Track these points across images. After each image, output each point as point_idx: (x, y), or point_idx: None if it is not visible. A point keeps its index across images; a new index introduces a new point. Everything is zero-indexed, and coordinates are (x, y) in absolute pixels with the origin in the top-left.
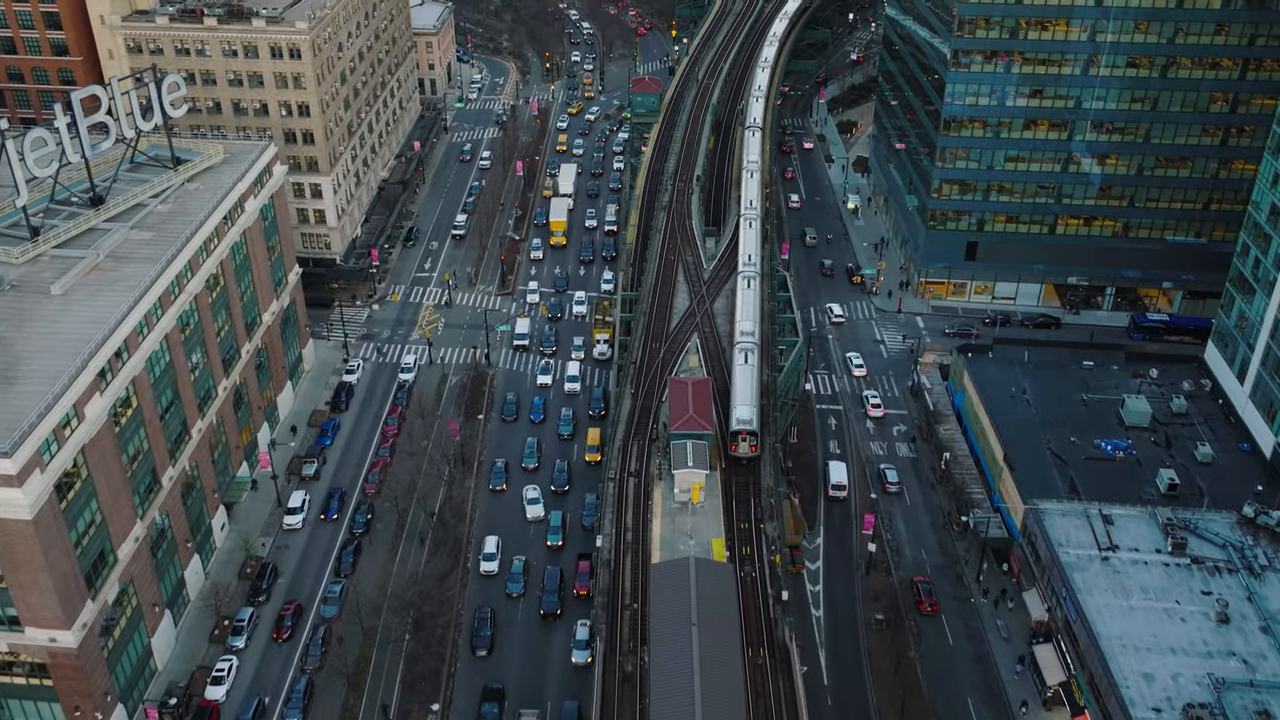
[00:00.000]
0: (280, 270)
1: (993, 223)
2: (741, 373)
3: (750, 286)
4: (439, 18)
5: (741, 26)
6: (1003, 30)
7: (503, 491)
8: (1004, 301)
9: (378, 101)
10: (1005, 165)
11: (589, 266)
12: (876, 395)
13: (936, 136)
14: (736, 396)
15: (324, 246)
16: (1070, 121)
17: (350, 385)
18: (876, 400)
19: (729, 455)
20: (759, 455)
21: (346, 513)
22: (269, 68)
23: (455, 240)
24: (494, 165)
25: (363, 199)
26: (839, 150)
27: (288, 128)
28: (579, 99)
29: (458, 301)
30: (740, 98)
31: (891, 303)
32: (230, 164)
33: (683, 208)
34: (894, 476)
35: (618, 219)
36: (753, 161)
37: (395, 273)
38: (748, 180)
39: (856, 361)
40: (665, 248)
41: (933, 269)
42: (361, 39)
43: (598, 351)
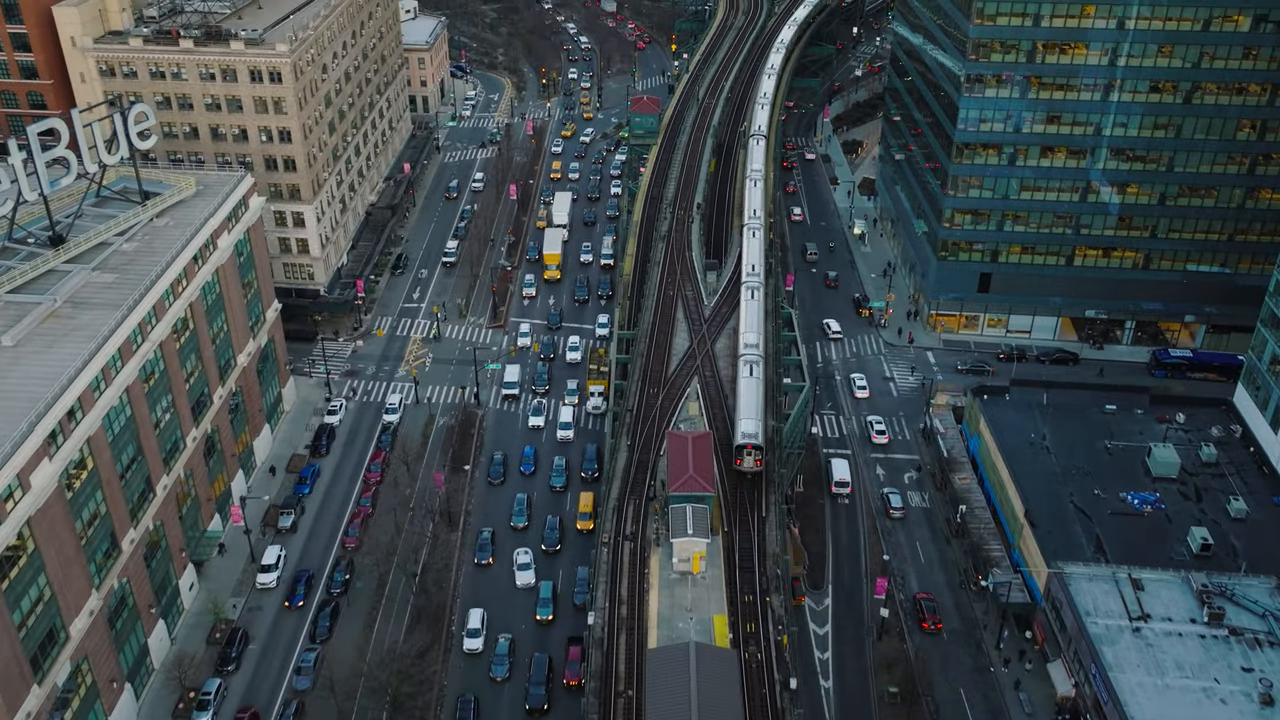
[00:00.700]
0: (257, 307)
1: (1007, 253)
2: (746, 386)
3: (754, 298)
4: (432, 33)
5: (743, 42)
6: (1018, 54)
7: (488, 565)
8: (1019, 335)
9: (365, 123)
10: (1021, 194)
11: (583, 306)
12: (881, 422)
13: (948, 163)
14: (741, 410)
15: (307, 277)
16: (1089, 148)
17: (332, 427)
18: (881, 427)
19: (733, 470)
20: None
21: (314, 596)
22: (248, 92)
23: (445, 268)
24: (487, 188)
25: (349, 225)
26: (844, 172)
27: (268, 154)
28: (576, 117)
29: (447, 335)
30: (742, 118)
31: (900, 336)
32: (203, 197)
33: (682, 238)
34: (898, 502)
35: (614, 251)
36: (756, 170)
37: (382, 303)
38: (751, 189)
39: (860, 383)
40: (664, 282)
41: (944, 301)
42: (348, 59)
43: (591, 405)
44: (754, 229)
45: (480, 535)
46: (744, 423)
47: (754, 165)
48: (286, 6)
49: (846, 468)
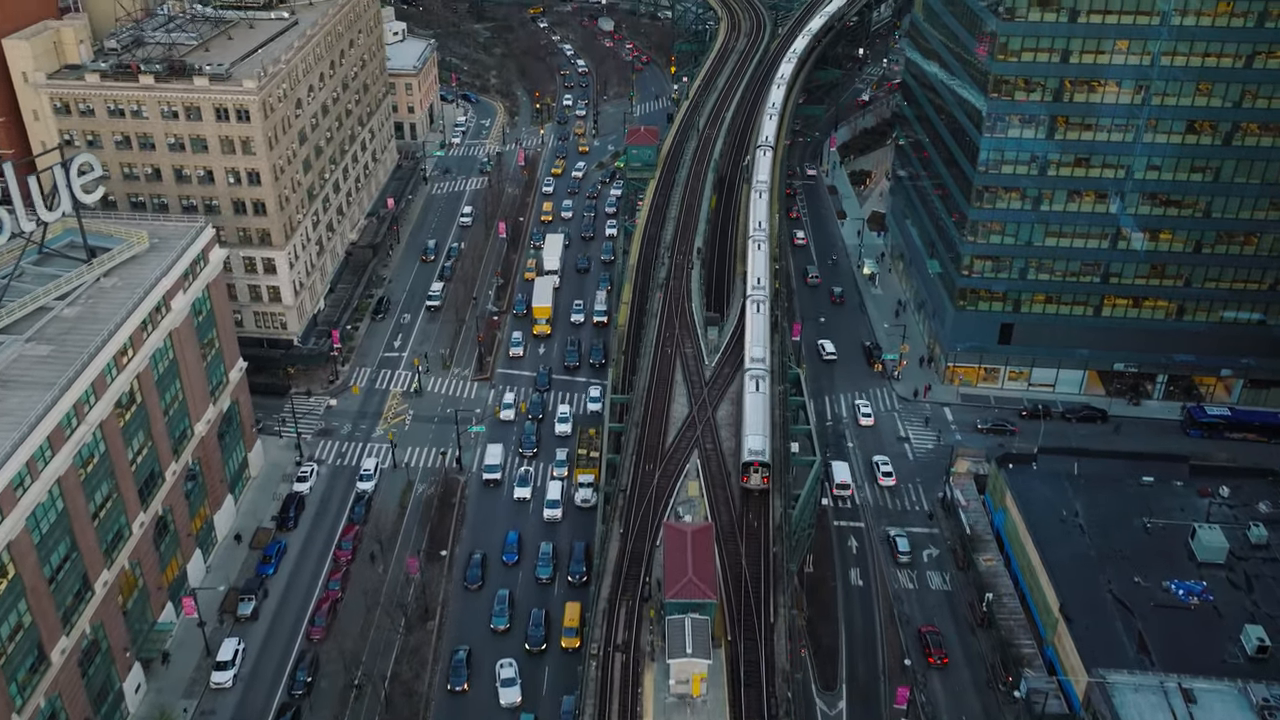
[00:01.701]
0: (219, 369)
1: (1030, 303)
2: (752, 401)
3: (760, 311)
4: (420, 57)
5: (745, 67)
6: (1044, 92)
7: (464, 692)
8: (1042, 389)
9: (346, 157)
10: (1046, 240)
11: (574, 372)
12: (888, 463)
13: (967, 206)
14: (748, 426)
15: (279, 326)
16: (1119, 192)
17: (301, 496)
18: (888, 469)
19: (740, 487)
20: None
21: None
22: (213, 131)
23: (429, 313)
24: (475, 223)
25: (326, 268)
26: (852, 205)
27: (236, 197)
28: (570, 148)
29: (429, 389)
30: (745, 150)
31: (916, 397)
32: (158, 252)
33: (681, 286)
34: (905, 546)
35: (608, 306)
36: (762, 181)
37: (361, 351)
38: (757, 200)
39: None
40: (661, 337)
41: (962, 352)
42: (326, 91)
43: (580, 498)
44: (759, 241)
45: (455, 655)
46: (751, 439)
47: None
48: (258, 37)
49: (847, 470)
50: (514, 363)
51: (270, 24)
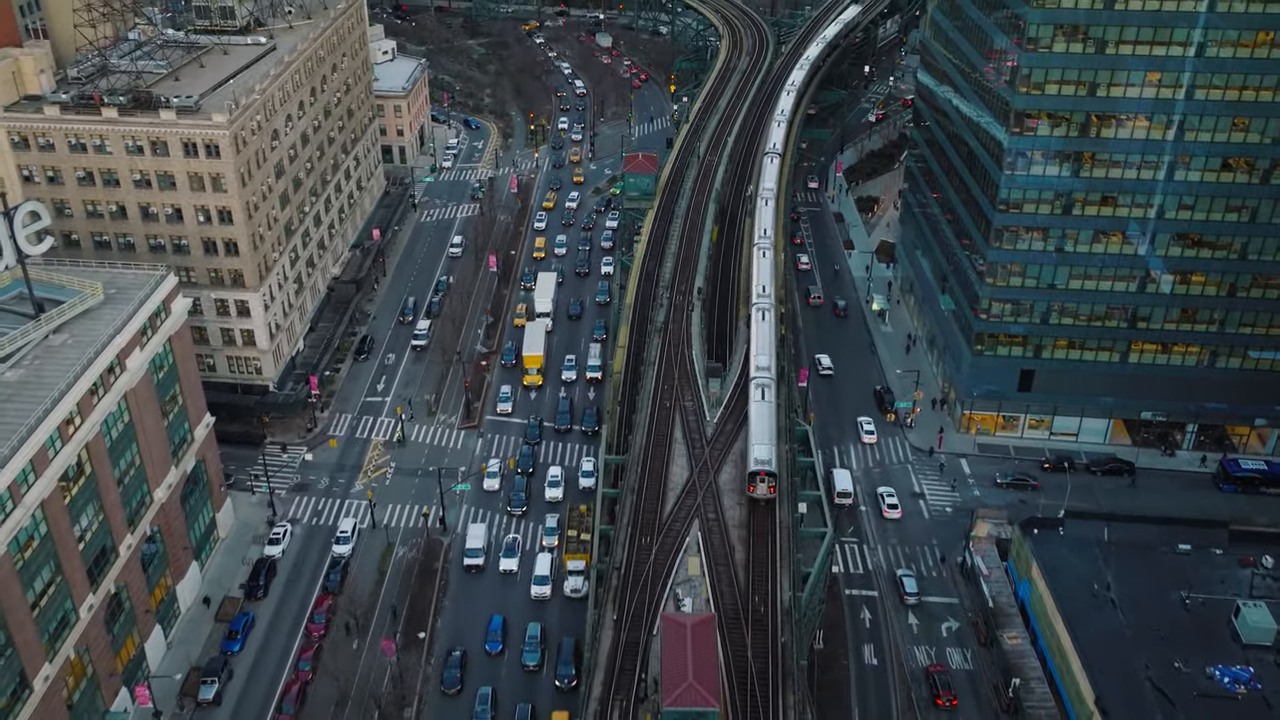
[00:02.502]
0: (182, 428)
1: (1052, 348)
2: (758, 409)
3: (765, 319)
4: (410, 77)
5: (748, 87)
6: (1069, 127)
7: None
8: (1064, 439)
9: (328, 188)
10: (1069, 283)
11: (564, 436)
12: (893, 494)
13: (985, 247)
14: (754, 435)
15: (254, 371)
16: (1149, 233)
17: (272, 561)
18: (893, 501)
19: (747, 496)
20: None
21: None
22: (181, 167)
23: (415, 352)
24: (465, 255)
25: (306, 306)
26: (859, 233)
27: (206, 236)
28: (564, 177)
29: (413, 438)
30: (748, 179)
31: (927, 434)
32: (114, 304)
33: (681, 331)
34: (912, 587)
35: (602, 360)
36: (768, 189)
37: (342, 396)
38: (763, 208)
39: (868, 428)
40: (659, 389)
41: (979, 399)
42: (306, 119)
43: (570, 587)
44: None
45: None
46: (757, 448)
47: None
48: (232, 65)
49: (849, 478)
50: (504, 418)
51: (246, 50)
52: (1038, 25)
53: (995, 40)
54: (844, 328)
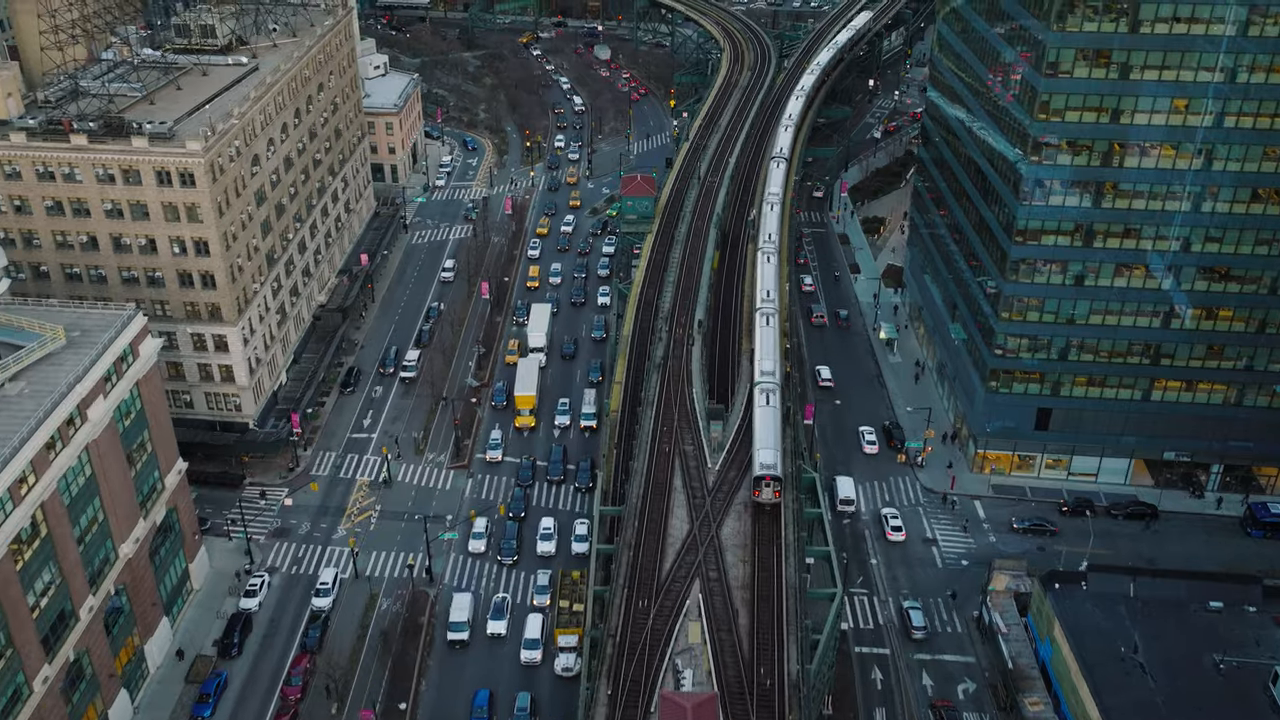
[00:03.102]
0: (152, 476)
1: (1071, 385)
2: (762, 415)
3: (770, 324)
4: (402, 94)
5: (750, 104)
6: (1091, 155)
7: None
8: (1083, 479)
9: (314, 212)
10: (1090, 319)
11: (558, 488)
12: (897, 516)
13: (1001, 280)
14: (758, 440)
15: (233, 408)
16: (1174, 267)
17: (248, 615)
18: (898, 523)
19: (753, 501)
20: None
21: None
22: (155, 197)
23: (404, 385)
24: (457, 279)
25: (290, 337)
26: (865, 257)
27: (182, 268)
28: (560, 201)
29: (400, 478)
30: (750, 202)
31: (939, 474)
32: (76, 348)
33: (680, 368)
34: (919, 620)
35: (598, 408)
36: (774, 193)
37: (327, 431)
38: (768, 212)
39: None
40: (658, 432)
41: (993, 437)
42: (290, 142)
43: (561, 665)
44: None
45: None
46: (762, 453)
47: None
48: (211, 87)
49: (851, 485)
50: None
51: (226, 71)
52: (1057, 49)
53: (1010, 62)
54: (848, 348)
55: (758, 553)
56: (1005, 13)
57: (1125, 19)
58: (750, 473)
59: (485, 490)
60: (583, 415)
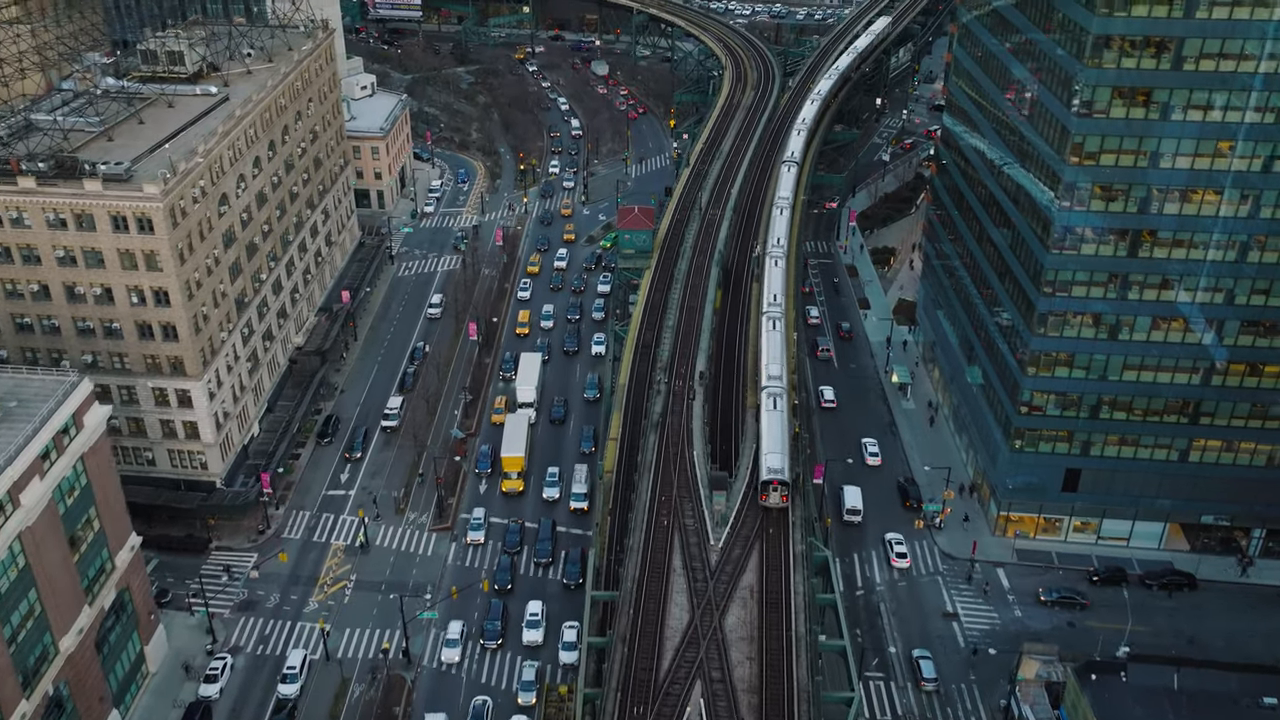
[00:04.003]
0: (100, 556)
1: (1103, 445)
2: (769, 419)
3: (776, 328)
4: (389, 116)
5: (753, 127)
6: (1128, 201)
7: None
8: (1114, 544)
9: (290, 249)
10: (1124, 375)
11: (545, 570)
12: (902, 542)
13: (1028, 334)
14: (766, 444)
15: (198, 466)
16: (1216, 320)
17: (208, 704)
18: (902, 550)
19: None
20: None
21: None
22: (110, 243)
23: (385, 434)
24: (444, 316)
25: (263, 384)
26: (875, 291)
27: (141, 319)
28: (558, 229)
29: (377, 541)
30: (755, 234)
31: (958, 535)
32: (11, 421)
33: (681, 426)
34: (930, 671)
35: (589, 487)
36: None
37: (301, 488)
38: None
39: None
40: (655, 502)
41: (1016, 499)
42: (263, 177)
43: None
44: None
45: None
46: (769, 457)
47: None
48: (177, 120)
49: (859, 495)
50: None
51: (194, 101)
52: (1092, 87)
53: (1039, 98)
54: (858, 391)
55: (766, 646)
56: (1033, 45)
57: (1167, 55)
58: (757, 478)
59: (469, 556)
60: (573, 495)
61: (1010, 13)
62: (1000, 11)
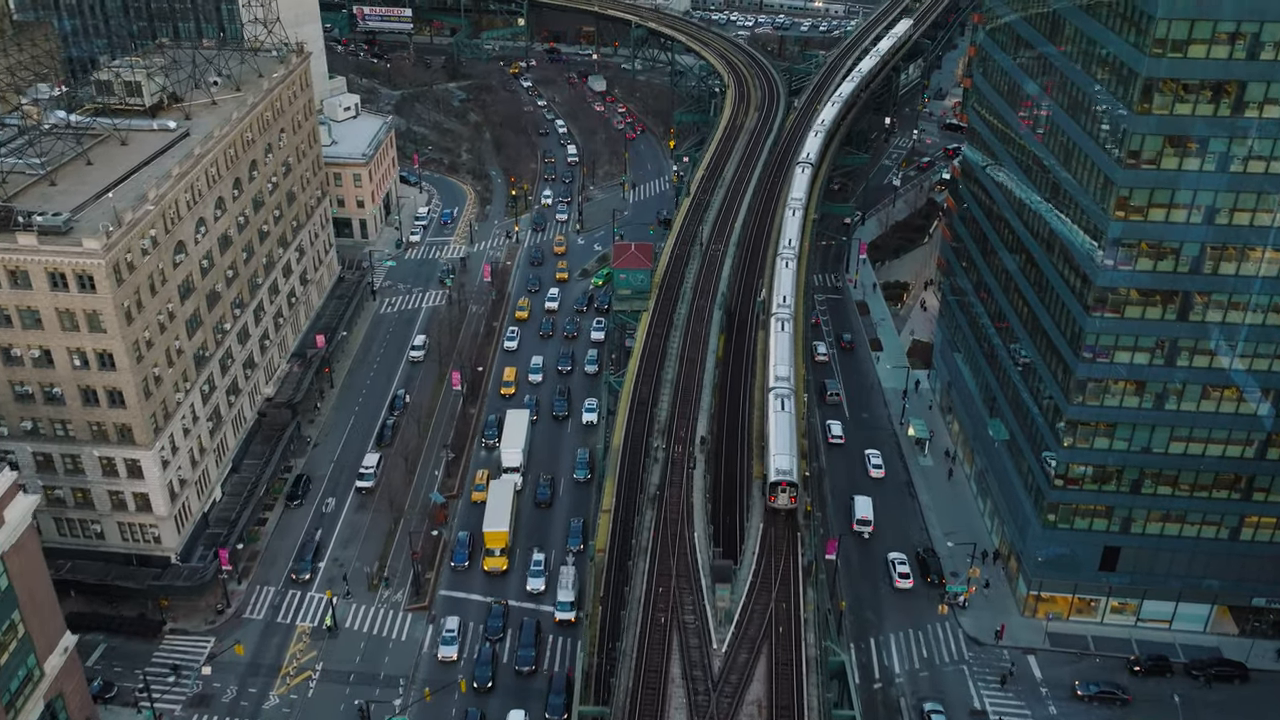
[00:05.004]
0: (25, 664)
1: (1145, 522)
2: (777, 420)
3: (785, 329)
4: (373, 140)
5: (757, 153)
6: (1178, 260)
7: None
8: (1155, 627)
9: (260, 292)
10: (1170, 447)
11: (528, 679)
12: (904, 561)
13: (1064, 403)
14: (773, 445)
15: (151, 540)
16: (1274, 390)
17: None
18: (906, 570)
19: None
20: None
21: None
22: (49, 302)
23: (359, 496)
24: (428, 360)
25: (227, 442)
26: (888, 331)
27: (84, 383)
28: (550, 268)
29: (347, 622)
30: (759, 273)
31: (984, 615)
32: None
33: (680, 501)
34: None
35: (576, 593)
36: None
37: (267, 559)
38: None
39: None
40: (652, 595)
41: (1048, 578)
42: (228, 218)
43: None
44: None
45: None
46: (777, 459)
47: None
48: (129, 160)
49: (870, 505)
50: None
51: (151, 138)
52: (1142, 136)
53: (1078, 142)
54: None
55: None
56: (1071, 84)
57: (1226, 100)
58: (766, 479)
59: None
60: (558, 605)
61: (1041, 43)
62: (1030, 42)
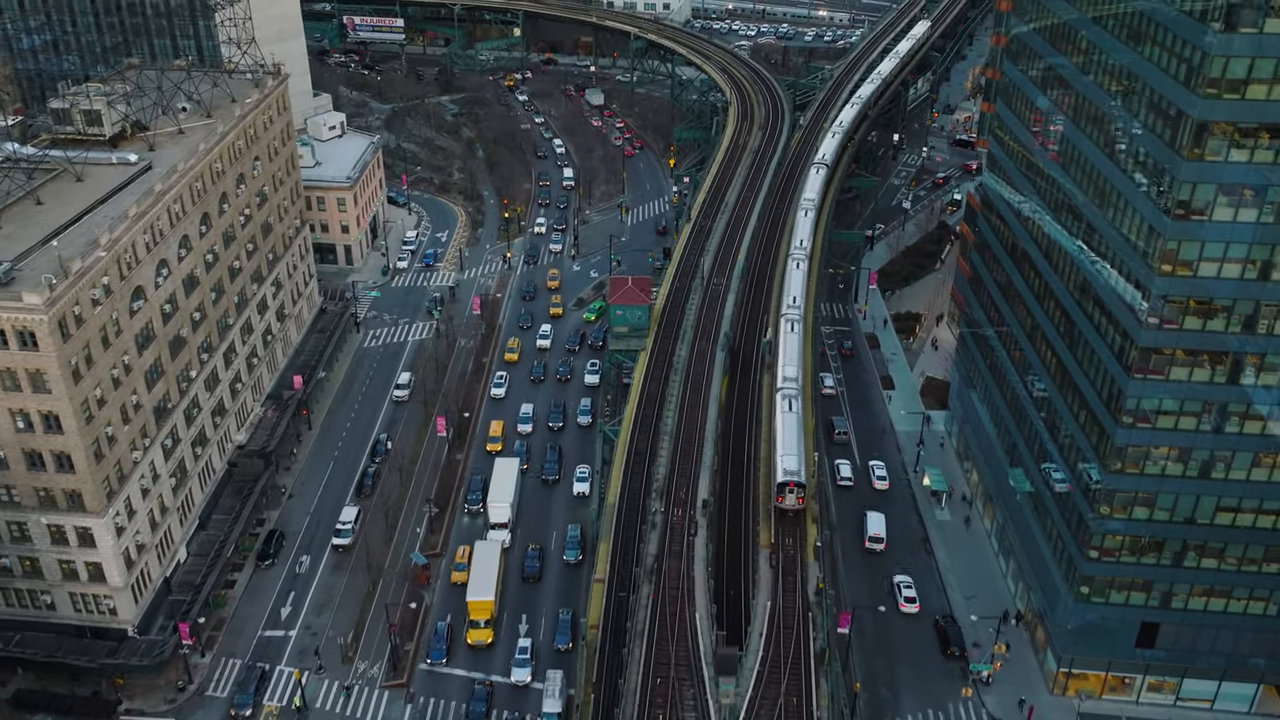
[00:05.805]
0: None
1: (1186, 597)
2: (785, 421)
3: (794, 330)
4: (358, 162)
5: (761, 174)
6: (1230, 319)
7: None
8: (1196, 708)
9: (231, 333)
10: (1215, 518)
11: None
12: (910, 585)
13: (1101, 471)
14: (781, 447)
15: (106, 611)
16: None
17: None
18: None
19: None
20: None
21: None
22: None
23: (335, 554)
24: (412, 400)
25: (193, 498)
26: (900, 368)
27: (29, 447)
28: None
29: (318, 702)
30: (764, 308)
31: (1008, 691)
32: None
33: (680, 574)
34: None
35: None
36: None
37: (234, 628)
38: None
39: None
40: (649, 688)
41: (1080, 654)
42: (194, 257)
43: None
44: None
45: None
46: (785, 459)
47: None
48: (84, 198)
49: (882, 522)
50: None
51: (109, 172)
52: (1193, 185)
53: (1119, 187)
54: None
55: None
56: (1111, 124)
57: None
58: (773, 480)
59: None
60: (543, 716)
61: (1075, 76)
62: (1060, 71)
